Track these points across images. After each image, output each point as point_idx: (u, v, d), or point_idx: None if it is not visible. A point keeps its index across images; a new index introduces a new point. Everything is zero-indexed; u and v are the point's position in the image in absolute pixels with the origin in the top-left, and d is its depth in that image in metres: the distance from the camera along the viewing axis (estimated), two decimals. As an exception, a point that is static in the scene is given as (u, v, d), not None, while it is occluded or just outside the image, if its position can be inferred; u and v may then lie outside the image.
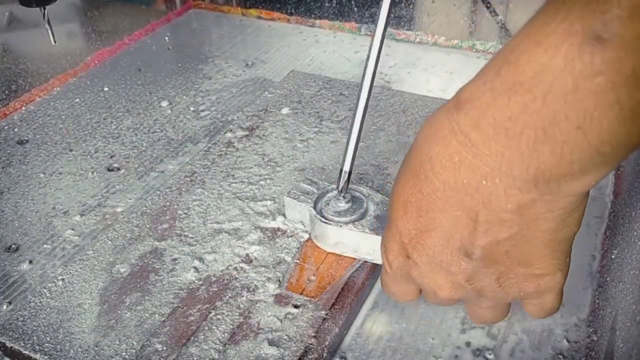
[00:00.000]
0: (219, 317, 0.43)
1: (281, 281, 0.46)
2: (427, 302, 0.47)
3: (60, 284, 0.46)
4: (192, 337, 0.42)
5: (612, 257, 0.49)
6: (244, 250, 0.49)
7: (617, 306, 0.42)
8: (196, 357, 0.41)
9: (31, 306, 0.45)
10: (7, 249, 0.54)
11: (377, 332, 0.46)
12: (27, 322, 0.43)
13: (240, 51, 0.88)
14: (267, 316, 0.43)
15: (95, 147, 0.67)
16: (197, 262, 0.48)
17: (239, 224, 0.52)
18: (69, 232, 0.55)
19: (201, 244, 0.50)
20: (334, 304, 0.44)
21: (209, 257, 0.48)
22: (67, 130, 0.70)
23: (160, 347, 0.41)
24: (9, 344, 0.42)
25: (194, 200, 0.54)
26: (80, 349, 0.41)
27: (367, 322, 0.47)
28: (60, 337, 0.42)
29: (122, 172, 0.63)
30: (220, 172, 0.58)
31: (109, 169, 0.64)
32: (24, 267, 0.52)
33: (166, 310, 0.44)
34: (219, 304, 0.44)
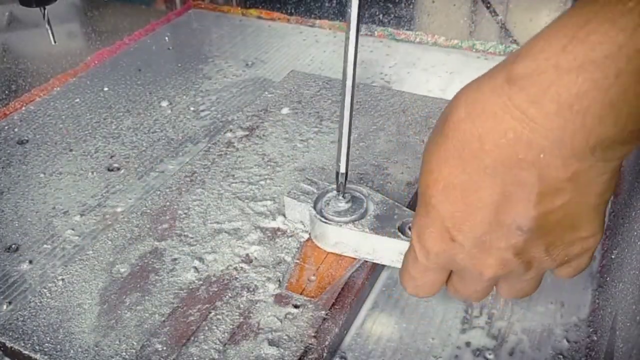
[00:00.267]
0: (219, 317, 0.43)
1: (281, 281, 0.46)
2: (427, 301, 0.48)
3: (60, 284, 0.46)
4: (192, 337, 0.42)
5: (612, 257, 0.49)
6: (244, 250, 0.49)
7: (617, 306, 0.42)
8: (196, 357, 0.41)
9: (31, 306, 0.45)
10: (7, 249, 0.54)
11: (377, 332, 0.46)
12: (27, 322, 0.43)
13: (240, 51, 0.88)
14: (267, 316, 0.43)
15: (95, 147, 0.67)
16: (197, 262, 0.48)
17: (239, 224, 0.52)
18: (69, 232, 0.55)
19: (201, 244, 0.50)
20: (334, 304, 0.44)
21: (209, 257, 0.48)
22: (67, 130, 0.70)
23: (160, 347, 0.41)
24: (9, 344, 0.42)
25: (194, 200, 0.54)
26: (80, 349, 0.41)
27: (367, 322, 0.47)
28: (60, 337, 0.42)
29: (122, 172, 0.63)
30: (220, 172, 0.58)
31: (109, 169, 0.64)
32: (24, 267, 0.52)
33: (166, 310, 0.44)
34: (219, 304, 0.44)
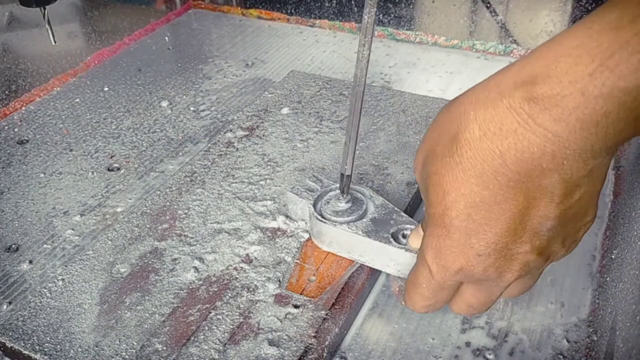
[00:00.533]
0: (219, 317, 0.43)
1: (281, 281, 0.46)
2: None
3: (60, 284, 0.46)
4: (192, 337, 0.42)
5: (612, 257, 0.49)
6: (244, 250, 0.49)
7: (617, 306, 0.42)
8: (196, 357, 0.41)
9: (31, 306, 0.45)
10: (7, 249, 0.54)
11: (377, 332, 0.46)
12: (27, 322, 0.43)
13: (240, 51, 0.88)
14: (267, 316, 0.43)
15: (95, 147, 0.67)
16: (197, 262, 0.48)
17: (239, 224, 0.52)
18: (69, 232, 0.55)
19: (201, 244, 0.50)
20: (334, 304, 0.44)
21: (209, 257, 0.48)
22: (67, 130, 0.70)
23: (160, 347, 0.41)
24: (9, 344, 0.42)
25: (194, 200, 0.54)
26: (80, 349, 0.41)
27: (367, 322, 0.47)
28: (60, 337, 0.42)
29: (122, 172, 0.63)
30: (220, 172, 0.58)
31: (109, 169, 0.64)
32: (24, 267, 0.52)
33: (166, 310, 0.44)
34: (219, 304, 0.44)
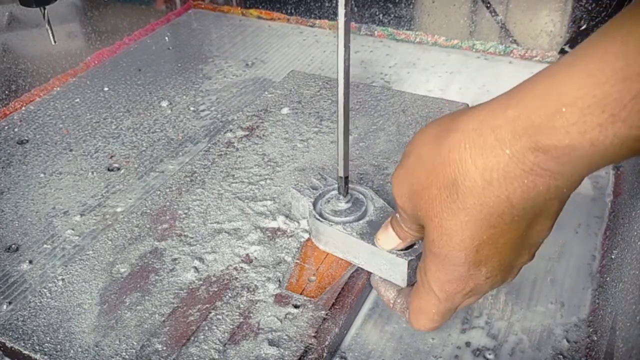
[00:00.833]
0: (219, 317, 0.43)
1: (281, 281, 0.46)
2: None
3: (60, 284, 0.46)
4: (192, 337, 0.42)
5: (612, 257, 0.49)
6: (244, 250, 0.49)
7: (617, 306, 0.42)
8: (196, 357, 0.41)
9: (31, 306, 0.45)
10: (7, 249, 0.54)
11: (377, 332, 0.46)
12: (27, 322, 0.43)
13: (240, 51, 0.88)
14: (267, 316, 0.43)
15: (95, 147, 0.67)
16: (197, 262, 0.48)
17: (239, 224, 0.52)
18: (69, 232, 0.55)
19: (201, 244, 0.50)
20: (334, 304, 0.44)
21: (209, 257, 0.48)
22: (67, 130, 0.70)
23: (160, 347, 0.41)
24: (9, 344, 0.42)
25: (194, 200, 0.54)
26: (80, 349, 0.41)
27: (367, 322, 0.47)
28: (60, 337, 0.42)
29: (122, 172, 0.63)
30: (220, 172, 0.58)
31: (109, 169, 0.64)
32: (24, 267, 0.52)
33: (166, 310, 0.44)
34: (219, 304, 0.44)
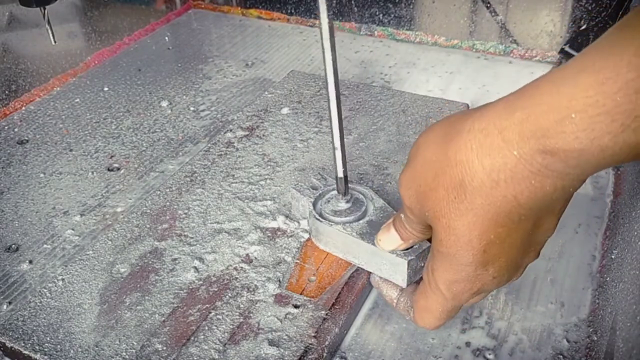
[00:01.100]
0: (219, 317, 0.43)
1: (281, 281, 0.46)
2: None
3: (60, 284, 0.46)
4: (192, 337, 0.42)
5: (612, 257, 0.49)
6: (244, 250, 0.49)
7: (617, 306, 0.42)
8: (196, 357, 0.41)
9: (31, 306, 0.45)
10: (7, 249, 0.54)
11: (377, 332, 0.46)
12: (27, 322, 0.43)
13: (240, 51, 0.88)
14: (267, 316, 0.43)
15: (95, 147, 0.67)
16: (197, 262, 0.48)
17: (239, 224, 0.52)
18: (69, 232, 0.55)
19: (201, 244, 0.50)
20: (334, 304, 0.44)
21: (209, 257, 0.48)
22: (67, 130, 0.70)
23: (160, 347, 0.41)
24: (9, 344, 0.42)
25: (194, 200, 0.54)
26: (80, 349, 0.41)
27: (367, 322, 0.47)
28: (60, 337, 0.42)
29: (122, 172, 0.63)
30: (220, 172, 0.58)
31: (109, 169, 0.64)
32: (24, 267, 0.52)
33: (166, 310, 0.44)
34: (219, 304, 0.44)
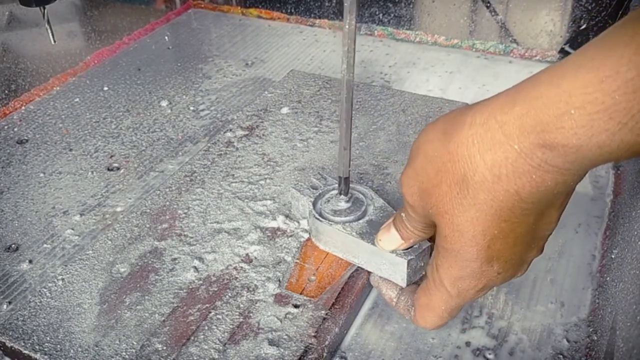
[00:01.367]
0: (219, 317, 0.43)
1: (281, 281, 0.46)
2: None
3: (60, 283, 0.46)
4: (192, 337, 0.42)
5: (612, 257, 0.49)
6: (244, 250, 0.49)
7: (617, 306, 0.42)
8: (196, 357, 0.41)
9: (31, 306, 0.45)
10: (7, 249, 0.54)
11: (377, 332, 0.46)
12: (27, 322, 0.43)
13: (240, 51, 0.88)
14: (267, 316, 0.43)
15: (95, 146, 0.67)
16: (197, 262, 0.48)
17: (239, 223, 0.52)
18: (68, 232, 0.55)
19: (201, 244, 0.50)
20: (334, 304, 0.44)
21: (209, 257, 0.48)
22: (67, 130, 0.70)
23: (160, 347, 0.41)
24: (9, 344, 0.42)
25: (194, 200, 0.54)
26: (80, 349, 0.41)
27: (367, 322, 0.47)
28: (60, 337, 0.42)
29: (122, 171, 0.63)
30: (220, 171, 0.58)
31: (109, 169, 0.64)
32: (24, 267, 0.52)
33: (166, 310, 0.44)
34: (219, 303, 0.44)
